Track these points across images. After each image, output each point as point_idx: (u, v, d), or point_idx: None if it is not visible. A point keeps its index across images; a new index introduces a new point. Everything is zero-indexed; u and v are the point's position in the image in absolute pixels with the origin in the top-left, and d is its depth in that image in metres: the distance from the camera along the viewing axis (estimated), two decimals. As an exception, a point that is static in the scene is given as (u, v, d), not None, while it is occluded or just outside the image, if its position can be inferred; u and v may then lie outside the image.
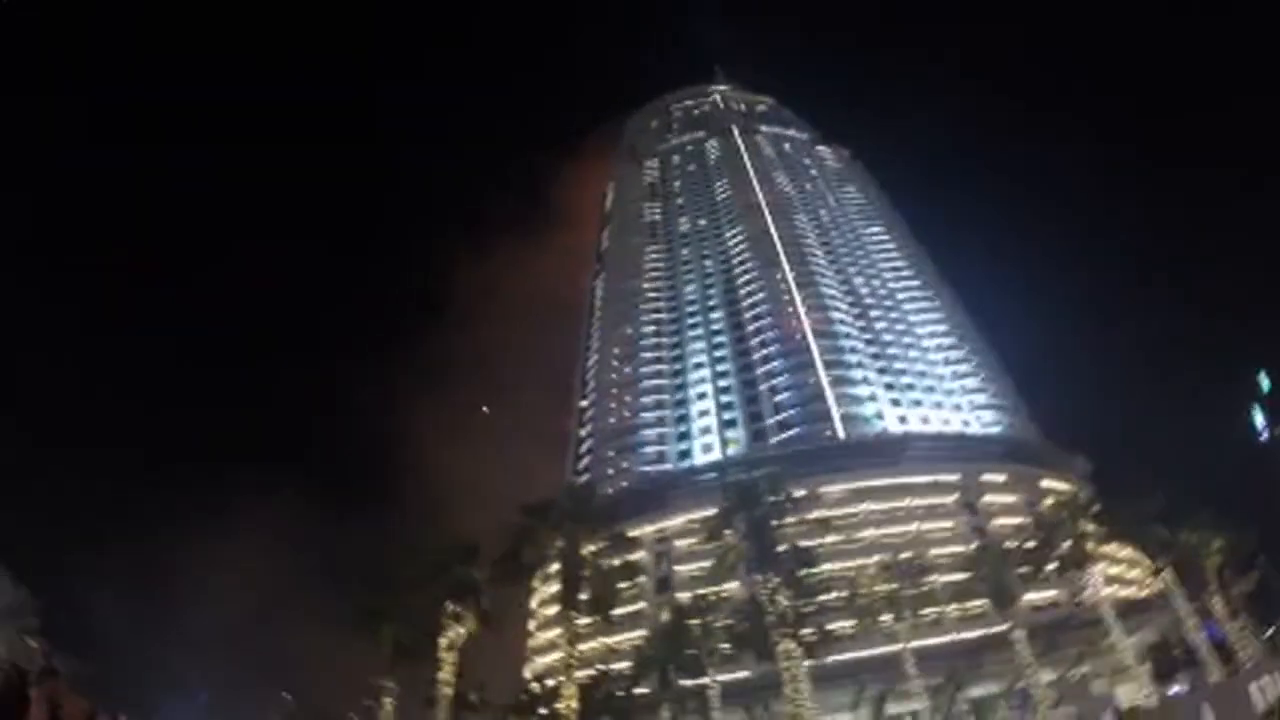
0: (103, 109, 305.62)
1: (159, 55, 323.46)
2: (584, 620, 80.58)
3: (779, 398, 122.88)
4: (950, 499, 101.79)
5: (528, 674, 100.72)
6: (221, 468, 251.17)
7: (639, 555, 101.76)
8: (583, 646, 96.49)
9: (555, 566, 55.18)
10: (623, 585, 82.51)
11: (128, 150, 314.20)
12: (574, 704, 43.60)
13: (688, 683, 66.93)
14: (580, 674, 77.94)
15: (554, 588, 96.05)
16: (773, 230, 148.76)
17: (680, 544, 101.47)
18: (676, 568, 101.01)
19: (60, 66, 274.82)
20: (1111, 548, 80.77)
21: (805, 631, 59.29)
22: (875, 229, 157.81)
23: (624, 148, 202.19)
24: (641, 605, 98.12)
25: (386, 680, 53.79)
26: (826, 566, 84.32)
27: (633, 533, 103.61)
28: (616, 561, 54.10)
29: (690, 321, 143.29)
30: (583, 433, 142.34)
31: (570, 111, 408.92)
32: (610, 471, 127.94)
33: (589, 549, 52.14)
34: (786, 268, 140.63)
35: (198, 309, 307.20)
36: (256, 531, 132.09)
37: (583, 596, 51.56)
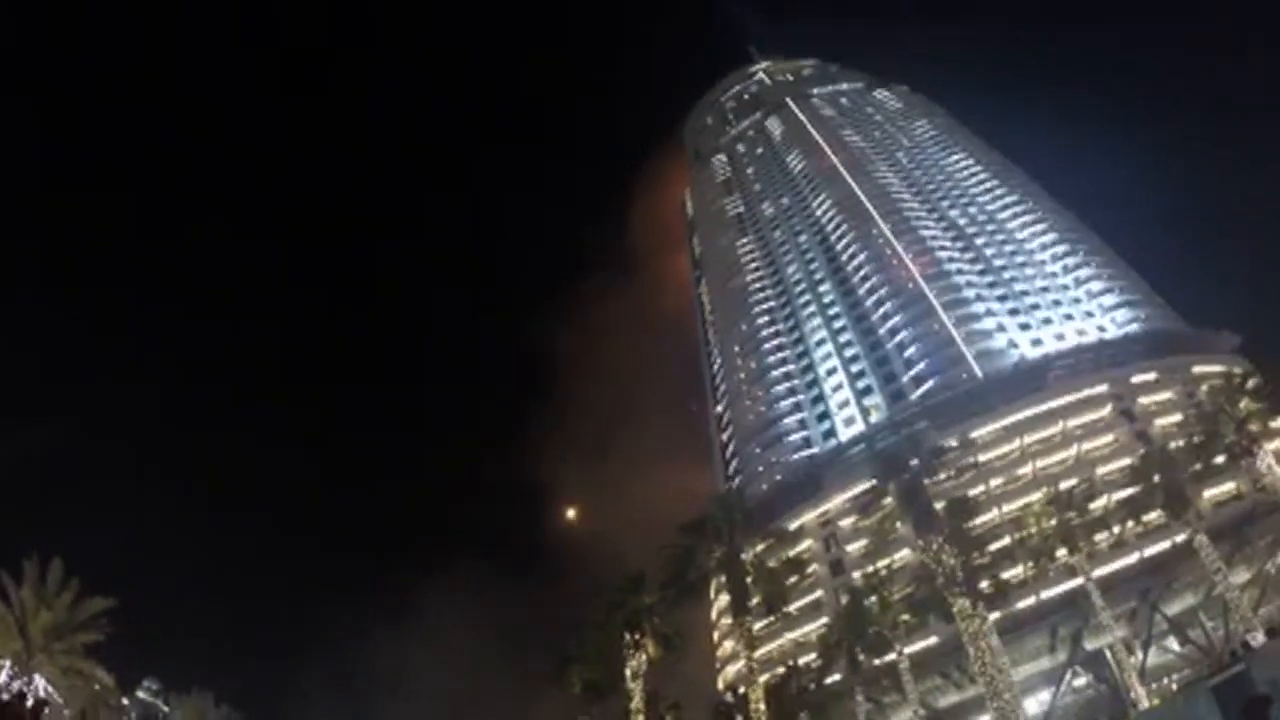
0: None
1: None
2: (762, 622, 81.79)
3: (908, 353, 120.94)
4: (1104, 411, 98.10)
5: (721, 685, 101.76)
6: (382, 553, 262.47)
7: (805, 545, 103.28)
8: (770, 646, 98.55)
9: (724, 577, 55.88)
10: (793, 579, 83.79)
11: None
12: (761, 706, 44.03)
13: (877, 661, 67.11)
14: (771, 673, 79.60)
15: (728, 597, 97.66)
16: (856, 188, 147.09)
17: (844, 524, 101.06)
18: (847, 548, 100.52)
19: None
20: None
21: (982, 585, 59.04)
22: (956, 156, 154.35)
23: (689, 152, 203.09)
24: (819, 594, 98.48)
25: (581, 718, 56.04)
26: (993, 513, 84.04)
27: (795, 523, 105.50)
28: (774, 560, 54.34)
29: (801, 301, 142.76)
30: (725, 438, 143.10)
31: (624, 138, 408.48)
32: (760, 469, 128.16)
33: (753, 552, 53.12)
34: (880, 221, 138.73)
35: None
36: (439, 611, 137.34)
37: (756, 599, 52.38)
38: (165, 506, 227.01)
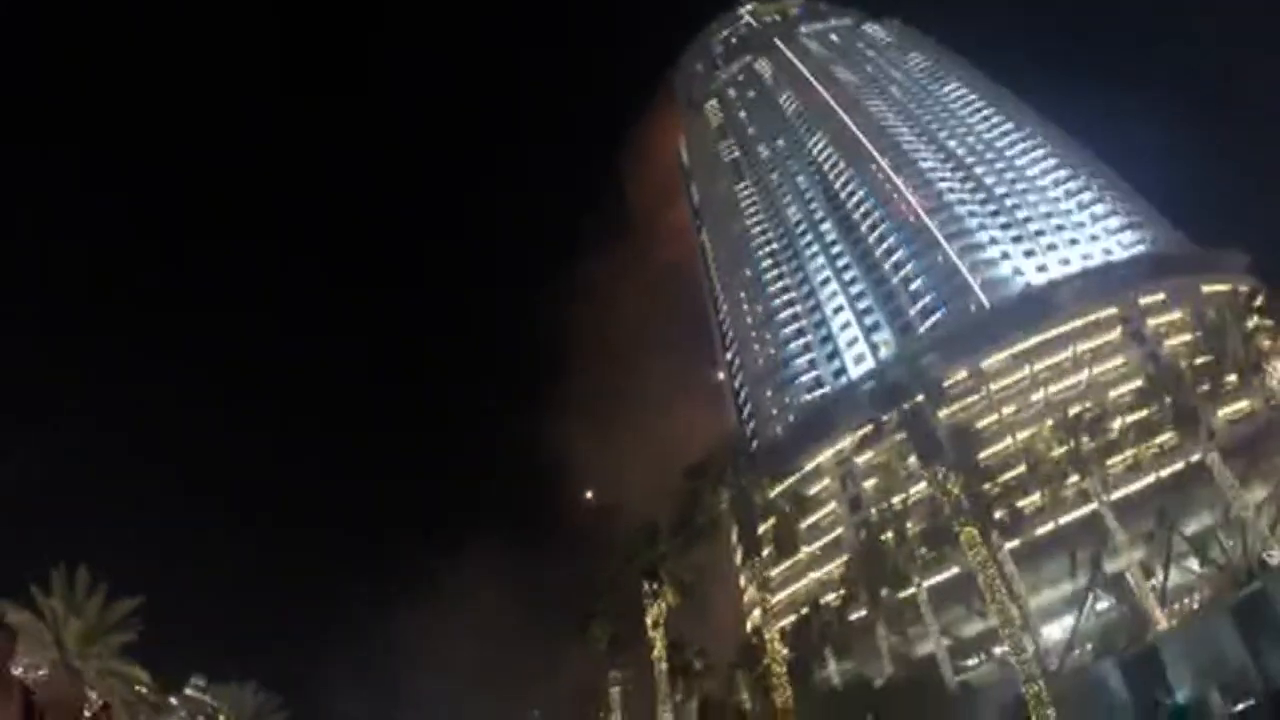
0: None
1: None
2: (785, 563, 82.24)
3: (913, 286, 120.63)
4: (1114, 334, 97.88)
5: (748, 628, 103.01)
6: (414, 532, 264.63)
7: (823, 484, 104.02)
8: (795, 586, 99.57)
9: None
10: (809, 519, 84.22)
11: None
12: (778, 644, 44.37)
13: (901, 595, 67.72)
14: (797, 613, 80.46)
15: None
16: (851, 125, 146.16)
17: (859, 460, 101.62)
18: (864, 485, 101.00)
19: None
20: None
21: (997, 514, 59.55)
22: (951, 86, 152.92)
23: (681, 101, 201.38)
24: (839, 531, 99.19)
25: (611, 672, 56.80)
26: (1007, 441, 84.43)
27: (811, 463, 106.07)
28: (785, 501, 54.20)
29: (803, 242, 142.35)
30: (736, 383, 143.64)
31: (615, 93, 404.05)
32: (774, 411, 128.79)
33: (770, 494, 53.15)
34: (878, 156, 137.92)
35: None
36: (467, 586, 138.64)
37: (769, 543, 52.55)
38: (186, 504, 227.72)
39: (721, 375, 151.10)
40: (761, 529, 49.89)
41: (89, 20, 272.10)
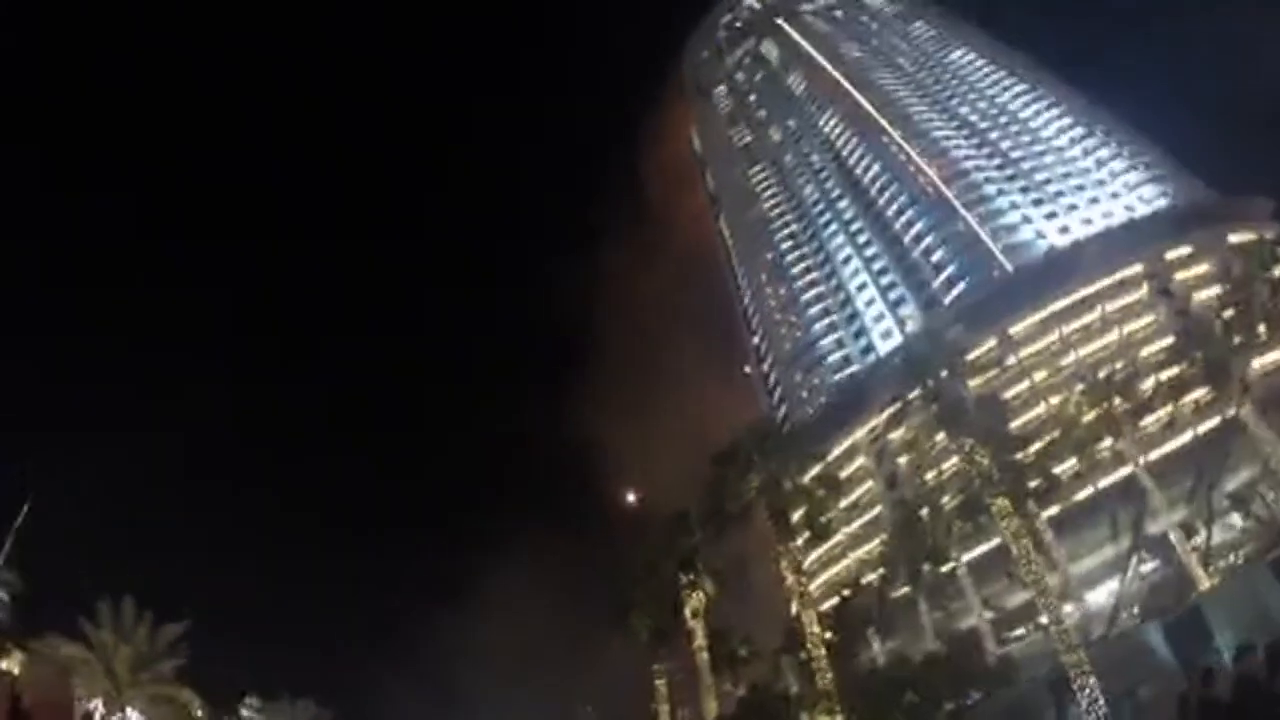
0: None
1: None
2: (826, 545, 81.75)
3: (935, 258, 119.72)
4: (1142, 292, 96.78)
5: (793, 612, 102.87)
6: (454, 532, 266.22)
7: (858, 463, 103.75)
8: (836, 567, 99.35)
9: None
10: (849, 498, 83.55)
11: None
12: (815, 628, 44.08)
13: (942, 569, 67.36)
14: (840, 594, 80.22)
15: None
16: (861, 100, 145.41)
17: (893, 438, 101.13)
18: (899, 461, 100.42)
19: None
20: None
21: (1033, 483, 58.96)
22: (959, 53, 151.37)
23: (690, 89, 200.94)
24: (878, 510, 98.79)
25: (656, 664, 56.89)
26: (1040, 407, 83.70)
27: (846, 442, 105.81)
28: (817, 483, 53.62)
29: (822, 222, 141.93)
30: (765, 368, 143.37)
31: (631, 80, 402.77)
32: (804, 394, 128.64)
33: (805, 477, 52.80)
34: (890, 129, 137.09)
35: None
36: (510, 583, 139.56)
37: (805, 528, 52.08)
38: (226, 521, 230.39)
39: (749, 368, 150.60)
40: (797, 514, 49.39)
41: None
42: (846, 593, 77.52)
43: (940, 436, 64.28)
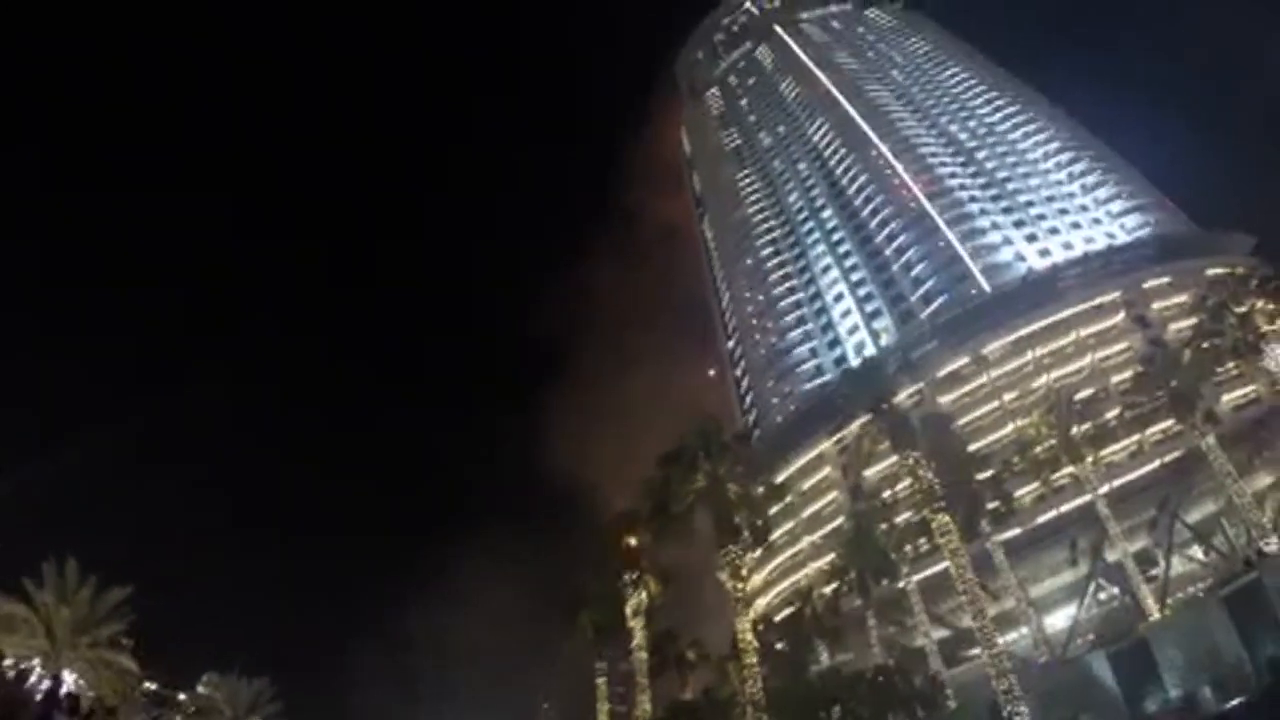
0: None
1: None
2: (787, 553, 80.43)
3: (914, 273, 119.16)
4: (1117, 319, 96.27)
5: (753, 615, 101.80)
6: (422, 527, 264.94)
7: (824, 473, 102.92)
8: (796, 575, 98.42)
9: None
10: (813, 508, 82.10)
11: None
12: (749, 635, 42.96)
13: (900, 585, 66.53)
14: (799, 604, 79.24)
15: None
16: (851, 111, 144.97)
17: (858, 450, 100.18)
18: (865, 474, 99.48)
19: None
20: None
21: (991, 504, 58.29)
22: (952, 70, 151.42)
23: (683, 89, 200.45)
24: (840, 521, 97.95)
25: (598, 662, 55.84)
26: (1008, 428, 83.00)
27: (812, 452, 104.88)
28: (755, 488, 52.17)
29: (804, 229, 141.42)
30: (738, 372, 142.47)
31: (619, 82, 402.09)
32: (775, 400, 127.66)
33: (754, 484, 51.50)
34: (879, 142, 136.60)
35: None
36: (476, 578, 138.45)
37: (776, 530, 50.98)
38: (196, 504, 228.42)
39: (712, 372, 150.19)
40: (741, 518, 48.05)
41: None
42: (798, 604, 76.47)
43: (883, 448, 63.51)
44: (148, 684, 73.72)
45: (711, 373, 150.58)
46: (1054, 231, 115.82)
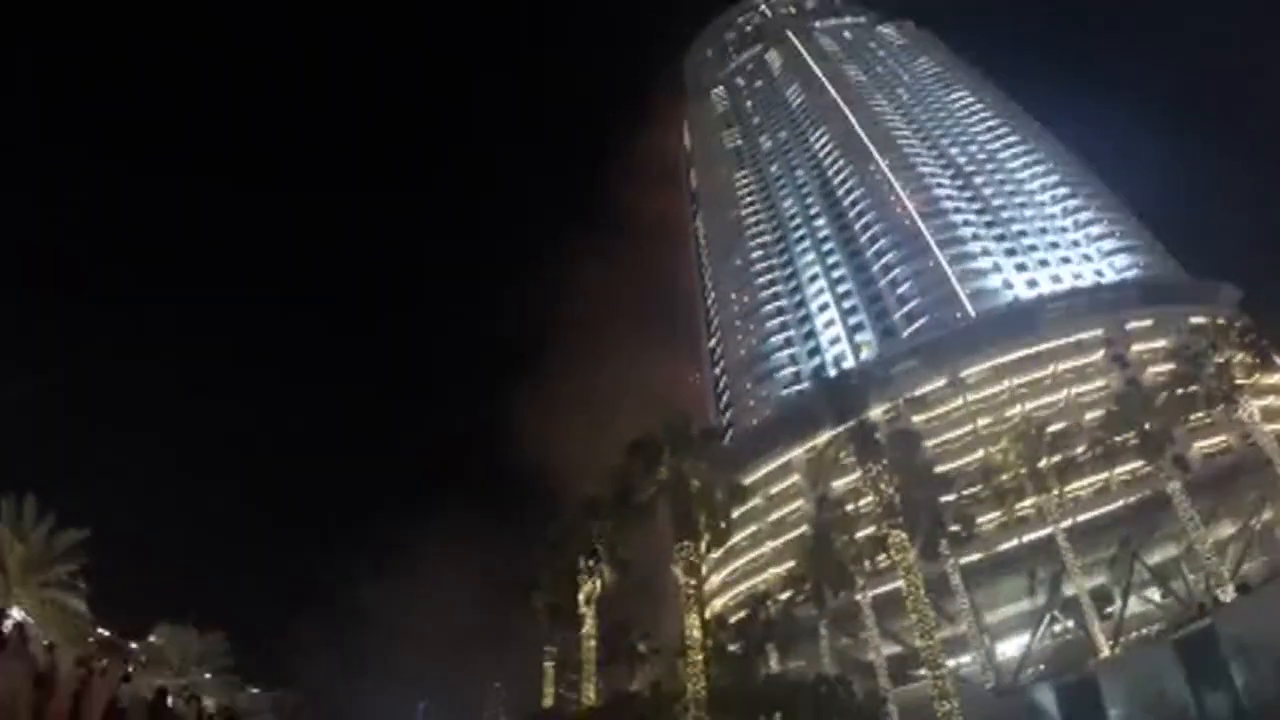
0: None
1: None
2: (750, 555, 79.96)
3: (900, 290, 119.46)
4: (1096, 356, 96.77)
5: (708, 615, 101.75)
6: (393, 505, 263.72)
7: (792, 480, 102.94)
8: (755, 579, 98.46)
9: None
10: (779, 513, 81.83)
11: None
12: (697, 633, 42.64)
13: (858, 598, 66.56)
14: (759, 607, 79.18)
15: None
16: (855, 124, 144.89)
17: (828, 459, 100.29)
18: (833, 484, 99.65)
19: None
20: (1277, 379, 76.24)
21: (953, 528, 58.41)
22: (959, 94, 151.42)
23: (689, 86, 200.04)
24: (804, 529, 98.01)
25: (547, 646, 55.55)
26: (979, 453, 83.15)
27: (783, 458, 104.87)
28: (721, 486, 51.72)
29: (796, 236, 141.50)
30: (717, 372, 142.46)
31: (626, 75, 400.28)
32: (751, 403, 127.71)
33: (724, 483, 51.12)
34: (878, 157, 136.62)
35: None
36: (436, 558, 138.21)
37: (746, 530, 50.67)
38: (158, 466, 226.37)
39: (696, 377, 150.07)
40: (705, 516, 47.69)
41: None
42: (753, 607, 76.45)
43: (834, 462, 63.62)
44: (101, 630, 73.06)
45: (695, 378, 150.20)
46: (1044, 263, 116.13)
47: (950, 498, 64.45)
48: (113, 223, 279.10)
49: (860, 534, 62.29)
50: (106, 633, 75.32)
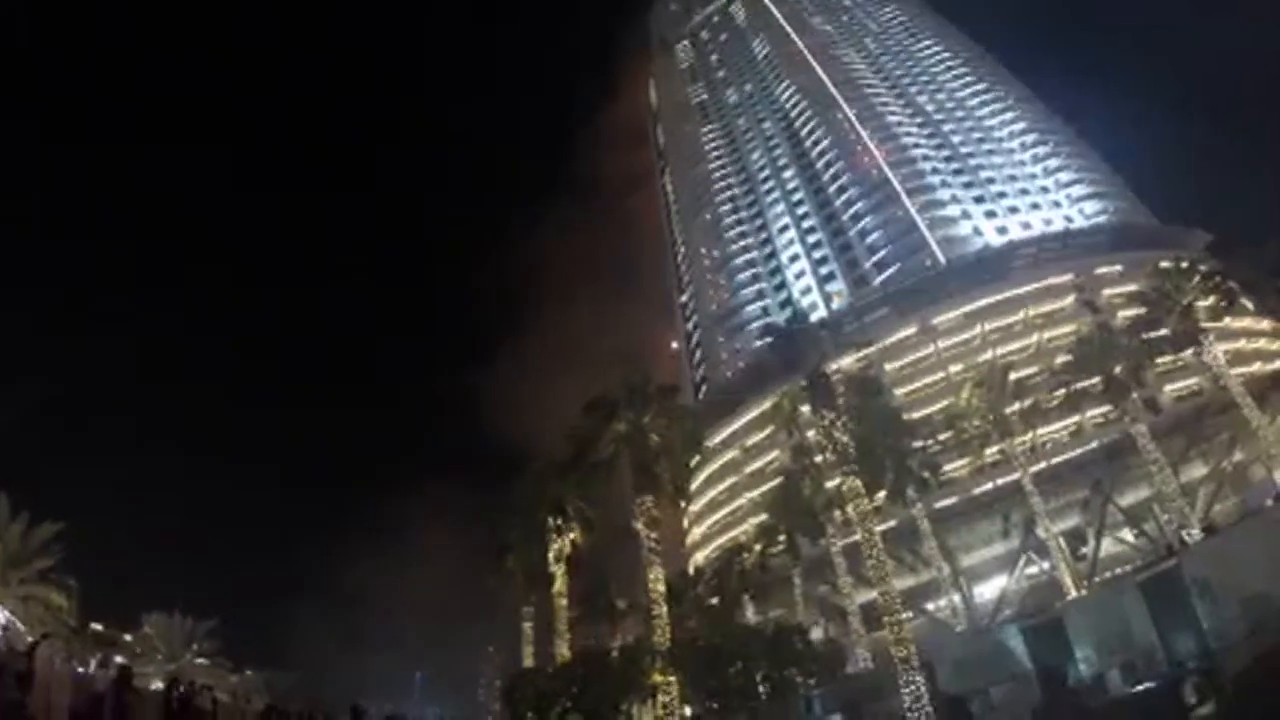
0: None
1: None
2: (729, 507, 79.71)
3: (870, 239, 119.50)
4: (1067, 301, 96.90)
5: (691, 571, 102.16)
6: (371, 475, 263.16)
7: (767, 431, 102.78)
8: (735, 530, 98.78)
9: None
10: (756, 464, 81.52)
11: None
12: (660, 588, 42.53)
13: (836, 545, 66.54)
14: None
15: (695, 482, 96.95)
16: (821, 74, 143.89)
17: (804, 409, 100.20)
18: (809, 434, 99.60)
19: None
20: (1247, 322, 76.43)
21: (924, 474, 58.44)
22: (926, 42, 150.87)
23: (655, 40, 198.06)
24: (781, 480, 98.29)
25: (524, 607, 55.47)
26: (953, 400, 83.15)
27: (755, 411, 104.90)
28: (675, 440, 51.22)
29: (765, 188, 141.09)
30: (689, 326, 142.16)
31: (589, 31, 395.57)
32: (724, 356, 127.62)
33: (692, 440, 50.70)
34: (845, 107, 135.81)
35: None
36: (421, 527, 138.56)
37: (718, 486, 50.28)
38: (146, 452, 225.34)
39: (675, 345, 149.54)
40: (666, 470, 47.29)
41: None
42: (728, 559, 76.78)
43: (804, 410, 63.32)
44: (94, 625, 74.63)
45: (674, 345, 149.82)
46: (1013, 210, 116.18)
47: (920, 444, 64.28)
48: (73, 211, 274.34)
49: (830, 484, 61.84)
50: (99, 627, 75.72)
